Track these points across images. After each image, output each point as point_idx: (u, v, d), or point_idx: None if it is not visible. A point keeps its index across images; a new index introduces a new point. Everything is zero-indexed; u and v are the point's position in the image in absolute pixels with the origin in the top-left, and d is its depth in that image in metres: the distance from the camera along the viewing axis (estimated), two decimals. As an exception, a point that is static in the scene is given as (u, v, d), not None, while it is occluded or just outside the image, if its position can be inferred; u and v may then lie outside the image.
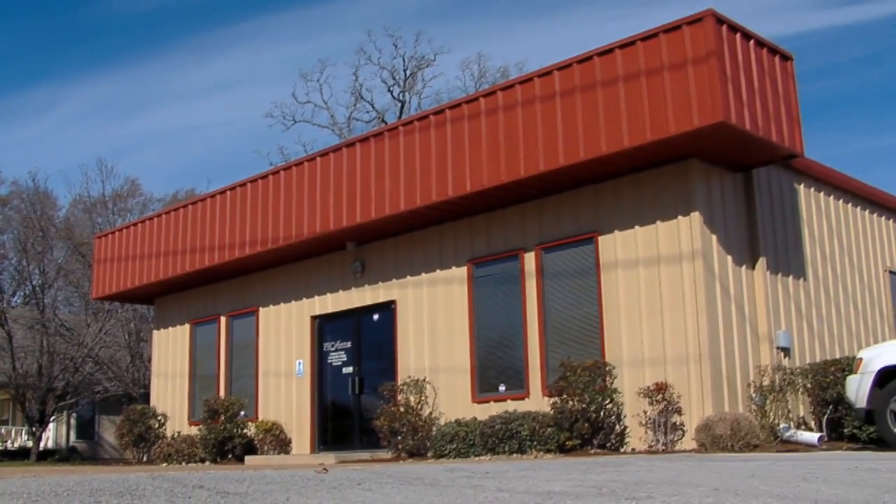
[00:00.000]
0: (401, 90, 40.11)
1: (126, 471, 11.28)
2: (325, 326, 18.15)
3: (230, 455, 17.70)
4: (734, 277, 13.27)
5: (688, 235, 12.85)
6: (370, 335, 17.34)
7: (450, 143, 14.72)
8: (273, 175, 18.03)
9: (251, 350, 19.46)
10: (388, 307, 16.85)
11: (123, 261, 21.48)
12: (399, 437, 14.98)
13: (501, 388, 14.77)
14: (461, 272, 15.65)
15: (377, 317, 17.15)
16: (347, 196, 16.23)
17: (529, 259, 14.68)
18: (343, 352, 17.71)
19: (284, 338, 18.72)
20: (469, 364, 15.20)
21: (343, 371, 17.62)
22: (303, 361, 18.23)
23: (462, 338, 15.40)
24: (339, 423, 17.73)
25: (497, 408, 14.37)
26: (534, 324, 14.41)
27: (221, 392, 19.72)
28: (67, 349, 33.14)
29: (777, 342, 13.53)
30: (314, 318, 18.24)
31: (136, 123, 67.71)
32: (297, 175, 17.36)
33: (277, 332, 18.92)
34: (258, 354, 19.22)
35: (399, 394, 15.43)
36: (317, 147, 37.43)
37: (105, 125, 68.35)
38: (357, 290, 17.41)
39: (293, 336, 18.53)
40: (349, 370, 17.50)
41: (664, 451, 12.18)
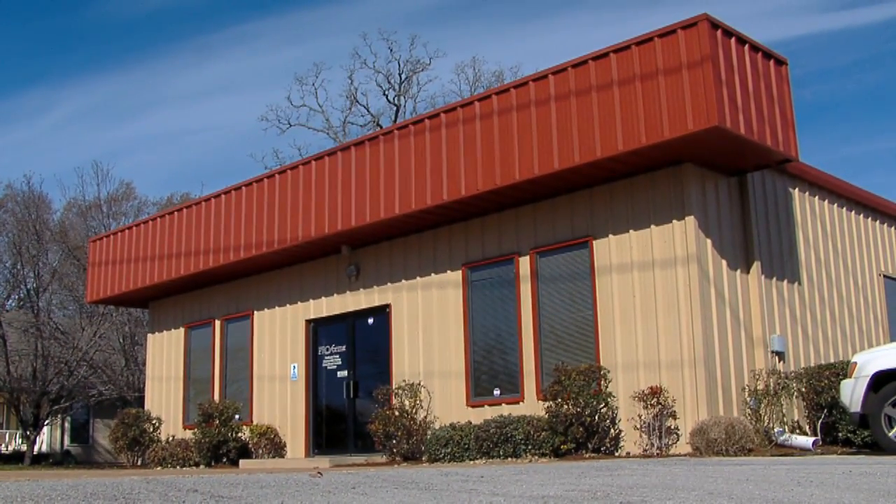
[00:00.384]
0: (396, 94, 40.20)
1: (120, 475, 11.25)
2: (320, 330, 18.14)
3: (224, 459, 17.67)
4: (728, 281, 13.29)
5: (682, 240, 12.86)
6: (365, 339, 17.34)
7: (445, 147, 14.72)
8: (268, 179, 18.03)
9: (246, 354, 19.43)
10: (383, 311, 16.85)
11: (118, 264, 21.45)
12: (394, 441, 14.96)
13: (496, 392, 14.77)
14: (456, 276, 15.66)
15: (372, 320, 17.15)
16: (342, 200, 16.23)
17: (524, 263, 14.69)
18: (338, 355, 17.70)
19: (279, 341, 18.70)
20: (464, 368, 15.21)
21: (338, 375, 17.61)
22: (297, 365, 18.21)
23: (457, 342, 15.40)
24: (334, 427, 17.71)
25: (492, 412, 14.37)
26: (528, 328, 14.41)
27: (216, 396, 19.69)
28: (62, 353, 33.09)
29: (771, 346, 13.55)
30: (309, 322, 18.23)
31: (131, 127, 67.73)
32: (292, 179, 17.36)
33: (272, 336, 18.90)
34: (253, 358, 19.20)
35: (394, 398, 15.42)
36: (312, 151, 37.41)
37: (100, 128, 68.36)
38: (352, 294, 17.41)
39: (288, 340, 18.51)
40: (344, 374, 17.49)
41: (659, 455, 12.18)
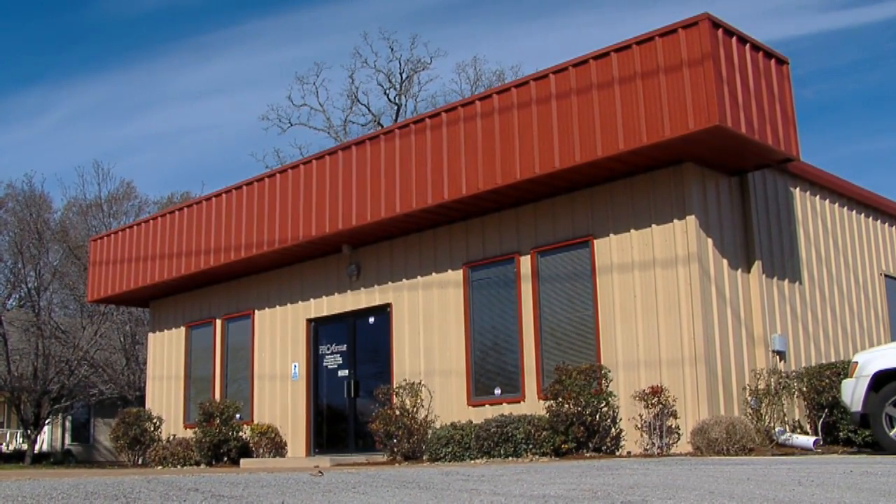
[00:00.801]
0: (397, 93, 40.15)
1: (121, 474, 11.25)
2: (321, 329, 18.14)
3: (225, 458, 17.67)
4: (729, 281, 13.28)
5: (683, 239, 12.85)
6: (365, 338, 17.34)
7: (445, 147, 14.72)
8: (269, 178, 18.03)
9: (246, 353, 19.43)
10: (384, 310, 16.85)
11: (119, 263, 21.45)
12: (394, 441, 14.96)
13: (497, 392, 14.77)
14: (456, 275, 15.65)
15: (373, 320, 17.14)
16: (343, 199, 16.22)
17: (525, 262, 14.69)
18: (338, 355, 17.70)
19: (280, 341, 18.70)
20: (464, 367, 15.21)
21: (338, 374, 17.61)
22: (298, 364, 18.21)
23: (457, 341, 15.40)
24: (335, 427, 17.71)
25: (492, 411, 14.37)
26: (529, 327, 14.41)
27: (217, 395, 19.70)
28: (63, 352, 33.09)
29: (772, 345, 13.54)
30: (309, 322, 18.23)
31: (132, 126, 67.72)
32: (293, 178, 17.36)
33: (273, 335, 18.90)
34: (253, 357, 19.20)
35: (394, 397, 15.42)
36: (312, 150, 37.39)
37: (100, 128, 68.35)
38: (352, 294, 17.41)
39: (288, 339, 18.51)
40: (344, 373, 17.49)
41: (659, 455, 12.18)
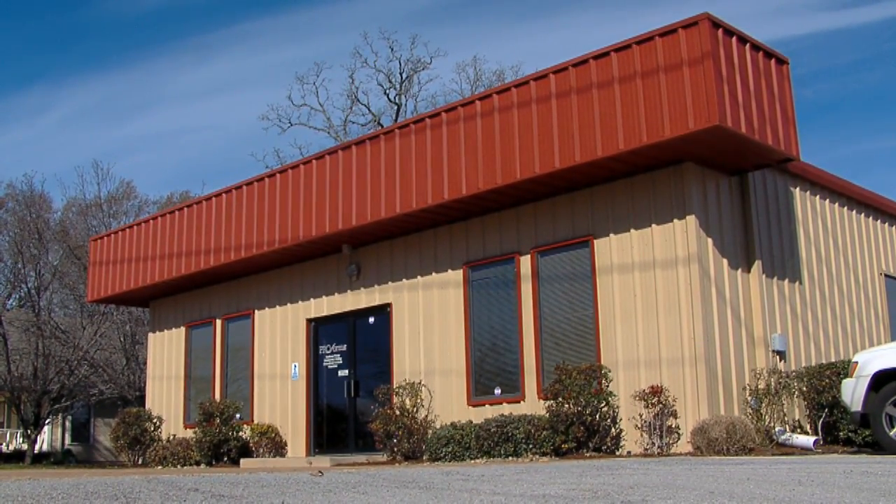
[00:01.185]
0: (397, 93, 40.15)
1: (121, 474, 11.25)
2: (321, 329, 18.14)
3: (225, 458, 17.67)
4: (729, 281, 13.28)
5: (683, 239, 12.85)
6: (365, 338, 17.34)
7: (446, 147, 14.72)
8: (269, 178, 18.02)
9: (246, 353, 19.43)
10: (384, 310, 16.85)
11: (119, 263, 21.45)
12: (394, 441, 14.96)
13: (497, 392, 14.77)
14: (457, 275, 15.65)
15: (373, 320, 17.14)
16: (343, 199, 16.22)
17: (525, 262, 14.68)
18: (338, 355, 17.70)
19: (280, 341, 18.70)
20: (464, 367, 15.20)
21: (338, 374, 17.61)
22: (298, 364, 18.21)
23: (457, 341, 15.40)
24: (335, 426, 17.71)
25: (492, 411, 14.37)
26: (529, 327, 14.41)
27: (217, 395, 19.70)
28: (63, 352, 33.08)
29: (772, 345, 13.54)
30: (309, 321, 18.23)
31: (131, 126, 67.72)
32: (293, 178, 17.35)
33: (273, 335, 18.90)
34: (253, 357, 19.20)
35: (394, 397, 15.42)
36: (312, 150, 37.41)
37: (100, 127, 68.35)
38: (352, 294, 17.41)
39: (288, 339, 18.51)
40: (344, 373, 17.49)
41: (659, 455, 12.18)
